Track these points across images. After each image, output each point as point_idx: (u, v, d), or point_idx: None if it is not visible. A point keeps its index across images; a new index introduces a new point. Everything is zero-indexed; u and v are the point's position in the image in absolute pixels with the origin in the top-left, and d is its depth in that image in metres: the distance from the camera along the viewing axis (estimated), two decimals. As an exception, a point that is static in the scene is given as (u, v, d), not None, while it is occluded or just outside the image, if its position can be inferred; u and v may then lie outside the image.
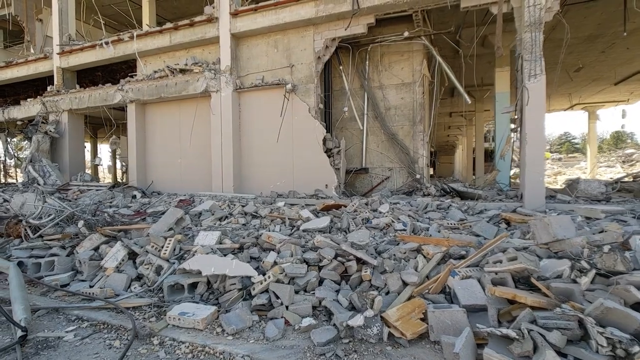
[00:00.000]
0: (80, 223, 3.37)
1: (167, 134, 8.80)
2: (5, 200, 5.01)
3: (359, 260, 2.60)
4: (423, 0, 6.31)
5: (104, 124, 10.51)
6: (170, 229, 3.23)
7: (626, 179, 7.61)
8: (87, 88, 9.46)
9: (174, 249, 2.95)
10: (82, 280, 2.91)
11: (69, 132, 9.69)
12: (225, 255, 2.90)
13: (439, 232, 3.62)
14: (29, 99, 10.42)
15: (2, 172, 11.58)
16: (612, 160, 27.47)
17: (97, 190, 7.60)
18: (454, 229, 3.69)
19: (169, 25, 8.25)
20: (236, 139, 7.80)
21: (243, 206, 4.72)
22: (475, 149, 14.27)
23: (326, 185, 7.25)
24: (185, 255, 2.92)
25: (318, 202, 6.22)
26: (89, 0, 11.59)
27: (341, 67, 7.75)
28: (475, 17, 7.77)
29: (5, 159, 11.37)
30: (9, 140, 11.69)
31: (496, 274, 2.17)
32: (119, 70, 11.27)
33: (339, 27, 7.08)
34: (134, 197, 7.95)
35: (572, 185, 6.20)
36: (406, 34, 7.06)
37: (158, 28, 8.35)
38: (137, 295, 2.56)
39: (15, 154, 12.30)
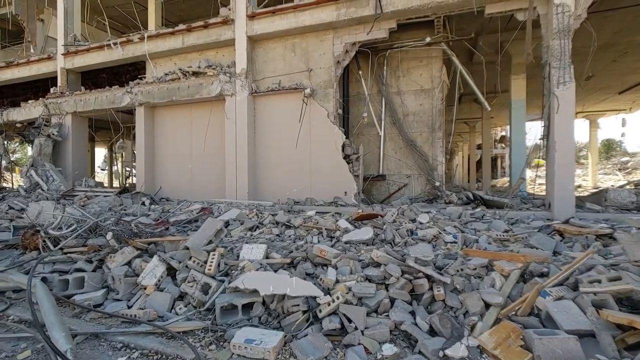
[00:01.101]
0: (109, 235, 3.10)
1: (177, 139, 8.52)
2: (21, 209, 4.69)
3: (428, 278, 2.39)
4: (448, 5, 6.20)
5: (110, 128, 10.17)
6: (210, 241, 2.98)
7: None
8: (92, 90, 9.15)
9: (218, 264, 2.71)
10: (117, 300, 2.63)
11: (72, 136, 9.34)
12: (276, 271, 2.66)
13: (489, 243, 3.43)
14: (29, 101, 10.06)
15: (3, 175, 11.13)
16: (608, 168, 27.78)
17: (105, 196, 7.27)
18: (504, 241, 3.50)
19: (181, 26, 8.03)
20: (251, 144, 7.57)
21: (273, 215, 4.47)
22: (482, 156, 14.23)
23: (345, 192, 7.04)
24: (232, 272, 2.67)
25: (346, 210, 6.00)
26: (93, 1, 11.34)
27: (360, 72, 7.60)
28: (495, 24, 7.69)
29: (1, 163, 10.93)
30: (5, 143, 11.26)
31: (595, 294, 1.98)
32: (124, 73, 10.99)
33: (359, 31, 6.95)
34: (143, 203, 7.64)
35: (600, 194, 6.10)
36: (428, 39, 6.95)
37: (170, 29, 8.12)
38: (186, 317, 2.30)
39: (11, 158, 11.85)
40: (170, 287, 2.59)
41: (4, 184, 13.12)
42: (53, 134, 8.99)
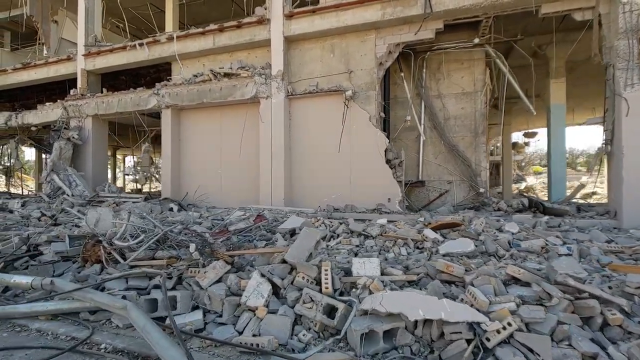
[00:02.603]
0: (192, 247, 2.73)
1: (205, 143, 8.17)
2: (52, 216, 4.29)
3: (595, 299, 2.06)
4: (501, 5, 5.98)
5: (133, 131, 9.79)
6: (310, 254, 2.63)
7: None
8: (115, 92, 8.79)
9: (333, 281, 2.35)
10: (220, 323, 2.26)
11: (92, 139, 8.95)
12: (401, 288, 2.32)
13: (603, 255, 3.12)
14: (47, 103, 9.67)
15: (10, 180, 10.66)
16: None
17: (133, 202, 6.88)
18: (617, 253, 3.20)
19: (212, 26, 7.75)
20: (287, 148, 7.24)
21: (341, 223, 4.13)
22: (503, 162, 14.01)
23: (389, 199, 6.71)
24: (353, 290, 2.32)
25: (393, 217, 5.66)
26: (108, 3, 11.05)
27: (402, 74, 7.34)
28: (534, 26, 7.49)
29: (14, 166, 10.48)
30: (18, 147, 10.83)
31: None
32: (144, 75, 10.67)
33: (403, 31, 6.70)
34: (171, 209, 7.27)
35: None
36: (476, 40, 6.72)
37: (200, 29, 7.83)
38: (325, 347, 1.94)
39: (22, 162, 11.41)
40: (286, 310, 2.23)
41: (12, 189, 12.63)
42: (73, 137, 8.60)
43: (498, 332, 1.84)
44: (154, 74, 10.26)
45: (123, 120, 9.22)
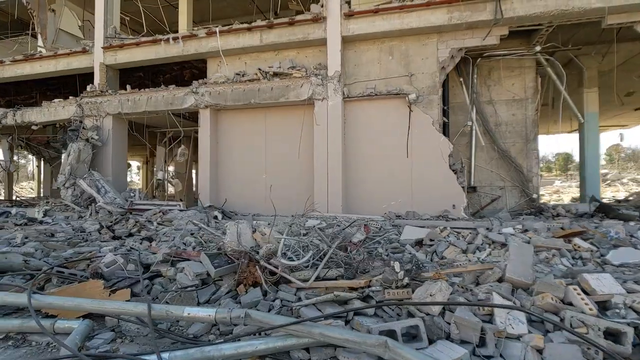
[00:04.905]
0: (397, 265, 2.37)
1: (247, 146, 7.64)
2: (218, 233, 3.67)
3: None
4: (569, 14, 6.08)
5: (144, 132, 9.01)
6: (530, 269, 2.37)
7: None
8: (142, 89, 8.03)
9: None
10: (488, 357, 1.93)
11: (112, 140, 8.11)
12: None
13: None
14: (55, 100, 8.67)
15: (7, 186, 9.42)
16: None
17: (180, 210, 6.24)
18: None
19: (260, 22, 7.30)
20: (344, 153, 6.92)
21: (477, 234, 3.89)
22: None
23: (453, 205, 6.58)
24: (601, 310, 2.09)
25: (458, 224, 5.51)
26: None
27: (461, 79, 7.29)
28: (581, 36, 7.72)
29: (9, 169, 9.29)
30: (14, 148, 9.64)
31: None
32: (162, 72, 9.92)
33: (467, 36, 6.65)
34: (215, 218, 6.70)
35: None
36: (538, 48, 6.80)
37: (246, 25, 7.34)
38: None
39: (16, 165, 10.17)
40: (568, 336, 1.94)
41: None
42: (93, 138, 7.74)
43: None
44: (176, 70, 9.56)
45: (142, 120, 8.44)
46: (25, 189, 25.30)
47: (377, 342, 1.82)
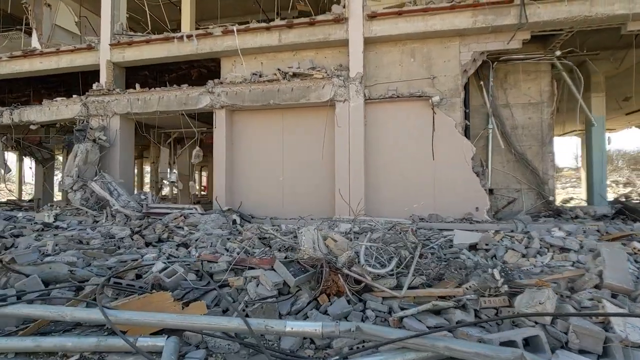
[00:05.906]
0: (496, 272, 2.27)
1: (264, 148, 7.45)
2: (291, 237, 3.44)
3: None
4: (592, 20, 6.20)
5: (147, 132, 8.67)
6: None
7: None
8: (152, 88, 7.72)
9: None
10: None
11: (120, 141, 7.75)
12: None
13: None
14: (58, 98, 8.23)
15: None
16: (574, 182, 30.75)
17: (201, 214, 5.99)
18: None
19: (279, 22, 7.15)
20: (366, 155, 6.84)
21: (530, 238, 3.85)
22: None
23: (477, 208, 6.60)
24: None
25: (483, 227, 5.51)
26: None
27: (481, 83, 7.33)
28: (594, 42, 7.90)
29: (3, 173, 8.76)
30: (6, 149, 9.09)
31: None
32: (169, 71, 9.60)
33: (489, 40, 6.70)
34: (234, 222, 6.48)
35: None
36: (558, 53, 6.92)
37: (265, 24, 7.17)
38: None
39: (8, 167, 9.61)
40: None
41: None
42: (100, 139, 7.37)
43: None
44: (184, 69, 9.26)
45: (149, 120, 8.12)
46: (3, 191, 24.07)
47: (512, 355, 1.72)
